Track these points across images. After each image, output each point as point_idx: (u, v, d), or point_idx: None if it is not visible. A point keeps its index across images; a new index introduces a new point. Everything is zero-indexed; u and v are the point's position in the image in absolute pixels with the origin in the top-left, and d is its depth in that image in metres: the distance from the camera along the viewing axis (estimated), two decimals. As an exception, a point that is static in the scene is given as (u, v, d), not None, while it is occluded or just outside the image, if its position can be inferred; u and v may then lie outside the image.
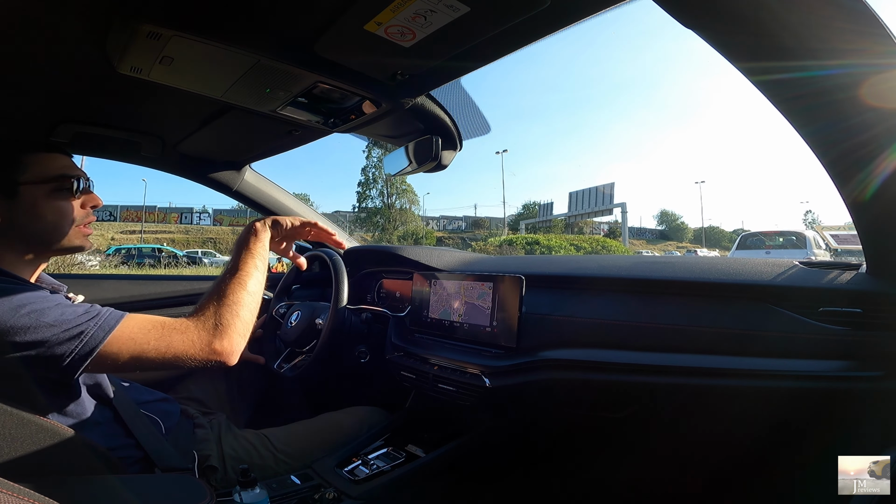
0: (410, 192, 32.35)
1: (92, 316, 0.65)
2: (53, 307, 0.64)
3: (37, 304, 0.63)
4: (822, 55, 0.52)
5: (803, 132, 0.62)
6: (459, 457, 1.05)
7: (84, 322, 0.64)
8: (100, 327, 0.64)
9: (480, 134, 1.12)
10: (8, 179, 0.71)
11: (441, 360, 1.05)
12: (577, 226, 38.21)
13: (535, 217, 36.81)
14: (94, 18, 0.67)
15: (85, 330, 0.63)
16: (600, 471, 1.08)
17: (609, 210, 22.96)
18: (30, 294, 0.64)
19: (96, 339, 0.63)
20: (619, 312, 0.93)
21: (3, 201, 0.71)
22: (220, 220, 32.80)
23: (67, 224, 0.76)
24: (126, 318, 0.68)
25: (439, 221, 40.81)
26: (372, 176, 32.31)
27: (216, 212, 33.47)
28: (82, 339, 0.62)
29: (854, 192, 0.63)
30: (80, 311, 0.65)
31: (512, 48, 0.72)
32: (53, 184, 0.74)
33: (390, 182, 31.69)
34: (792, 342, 0.76)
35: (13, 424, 0.62)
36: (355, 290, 1.48)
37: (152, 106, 0.99)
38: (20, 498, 0.38)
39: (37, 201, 0.72)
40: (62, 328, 0.62)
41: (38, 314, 0.62)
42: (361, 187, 33.07)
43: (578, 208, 24.70)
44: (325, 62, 0.76)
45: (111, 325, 0.65)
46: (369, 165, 32.64)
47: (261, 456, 0.94)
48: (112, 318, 0.66)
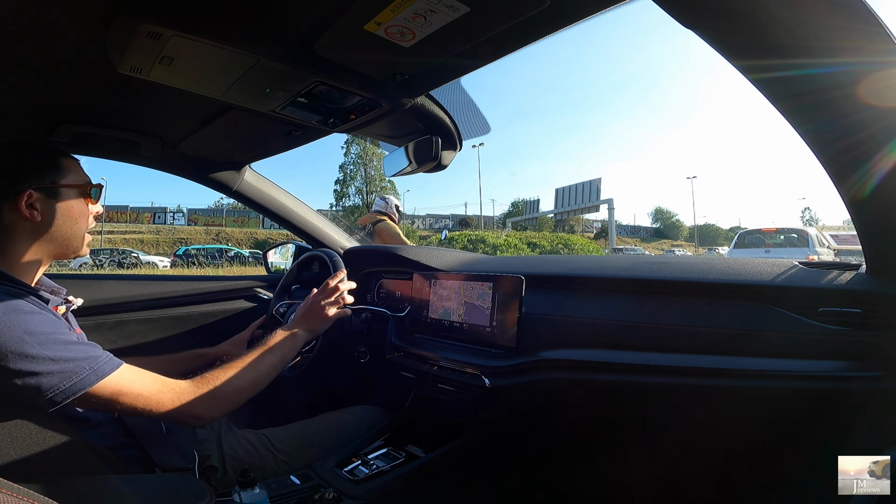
0: (390, 189, 30.88)
1: (89, 358, 0.67)
2: (58, 343, 0.65)
3: (44, 335, 0.64)
4: (819, 53, 0.53)
5: (801, 130, 0.62)
6: (459, 457, 1.05)
7: (80, 365, 0.66)
8: (93, 371, 0.66)
9: (480, 134, 1.12)
10: (52, 181, 0.74)
11: (441, 360, 1.05)
12: (568, 223, 37.03)
13: (522, 215, 35.19)
14: (93, 18, 0.67)
15: (78, 372, 0.65)
16: (600, 471, 1.08)
17: (596, 207, 22.04)
18: (40, 320, 0.66)
19: (85, 383, 0.65)
20: (618, 312, 0.93)
21: (45, 201, 0.74)
22: (194, 220, 31.70)
23: (84, 229, 0.79)
24: (121, 369, 0.70)
25: (425, 220, 39.70)
26: (350, 173, 31.31)
27: (191, 211, 32.35)
28: (73, 379, 0.64)
29: (852, 190, 0.63)
30: (80, 354, 0.67)
31: (512, 48, 0.72)
32: (84, 188, 0.78)
33: (369, 179, 30.70)
34: (791, 342, 0.76)
35: (13, 425, 0.62)
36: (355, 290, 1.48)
37: (152, 106, 0.99)
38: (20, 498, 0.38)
39: (72, 204, 0.77)
40: (58, 365, 0.64)
41: (41, 346, 0.63)
42: (339, 185, 31.95)
43: (565, 205, 23.59)
44: (325, 62, 0.76)
45: (104, 372, 0.67)
46: (348, 162, 31.63)
47: (261, 456, 0.94)
48: (108, 367, 0.68)
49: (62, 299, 0.81)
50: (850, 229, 4.97)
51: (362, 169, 30.92)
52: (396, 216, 3.34)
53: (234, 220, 31.08)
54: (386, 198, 3.42)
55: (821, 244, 8.02)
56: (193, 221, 31.73)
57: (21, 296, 0.68)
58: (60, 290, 0.81)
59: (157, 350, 1.28)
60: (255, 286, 1.55)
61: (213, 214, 31.91)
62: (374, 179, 30.74)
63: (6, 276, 0.70)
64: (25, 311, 0.65)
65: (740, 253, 8.40)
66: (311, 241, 1.62)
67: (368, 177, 31.07)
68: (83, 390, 0.65)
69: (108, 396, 0.67)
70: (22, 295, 0.68)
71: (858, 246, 0.74)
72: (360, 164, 30.81)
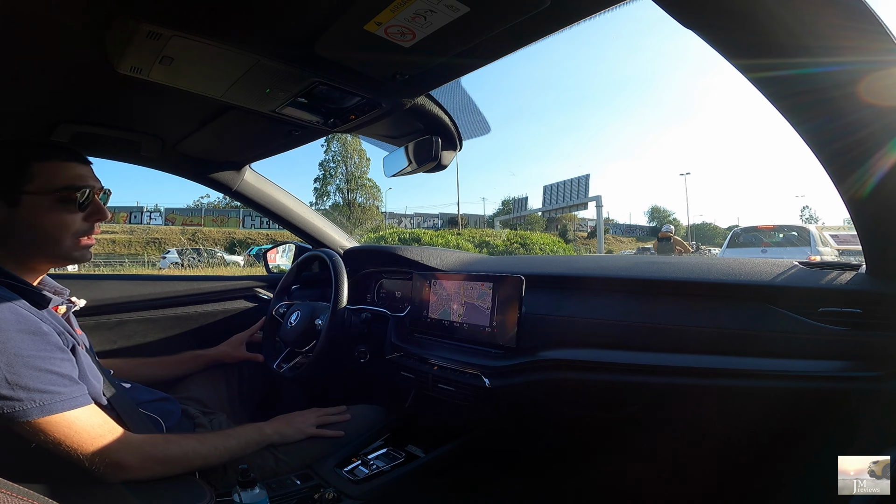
0: (371, 188, 29.53)
1: (46, 393, 0.63)
2: (27, 367, 0.62)
3: (17, 357, 0.62)
4: (819, 52, 0.53)
5: (801, 129, 0.62)
6: (459, 457, 1.05)
7: (31, 395, 0.62)
8: (40, 406, 0.63)
9: (480, 134, 1.12)
10: (12, 187, 0.70)
11: (441, 360, 1.05)
12: (560, 222, 35.68)
13: (510, 213, 32.36)
14: (93, 18, 0.67)
15: (25, 400, 0.62)
16: (600, 471, 1.08)
17: (584, 204, 20.79)
18: (23, 340, 0.63)
19: (25, 415, 0.62)
20: (618, 312, 0.93)
21: (4, 208, 0.70)
22: (172, 220, 30.26)
23: (67, 236, 0.73)
24: (77, 411, 0.66)
25: (413, 219, 37.87)
26: (331, 171, 29.86)
27: (168, 210, 30.90)
28: (15, 407, 0.61)
29: (852, 190, 0.63)
30: (46, 386, 0.63)
31: (512, 48, 0.72)
32: (56, 195, 0.72)
33: (350, 176, 29.19)
34: (792, 342, 0.76)
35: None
36: (355, 291, 1.48)
37: (152, 106, 0.99)
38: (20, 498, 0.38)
39: (36, 212, 0.71)
40: (10, 391, 0.61)
41: (7, 368, 0.61)
42: (320, 183, 30.71)
43: (554, 202, 22.13)
44: (325, 62, 0.76)
45: (52, 410, 0.63)
46: (328, 160, 30.25)
47: (261, 456, 0.94)
48: (60, 405, 0.64)
49: (65, 300, 0.80)
50: (851, 229, 4.69)
51: (343, 166, 29.63)
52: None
53: (213, 220, 30.11)
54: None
55: (823, 243, 7.26)
56: (171, 221, 30.41)
57: (18, 303, 0.66)
58: (64, 291, 0.80)
59: (158, 350, 1.28)
60: (255, 286, 1.55)
61: (192, 214, 30.74)
62: (355, 176, 29.31)
63: (7, 274, 0.70)
64: (12, 328, 0.63)
65: (734, 253, 7.43)
66: (311, 241, 1.62)
67: (349, 174, 29.56)
68: (16, 421, 0.61)
69: (42, 435, 0.63)
70: (19, 301, 0.67)
71: (858, 246, 0.74)
72: (341, 161, 29.54)
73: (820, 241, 7.11)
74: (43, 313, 0.70)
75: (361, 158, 29.11)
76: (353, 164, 29.78)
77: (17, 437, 0.62)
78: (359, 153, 29.01)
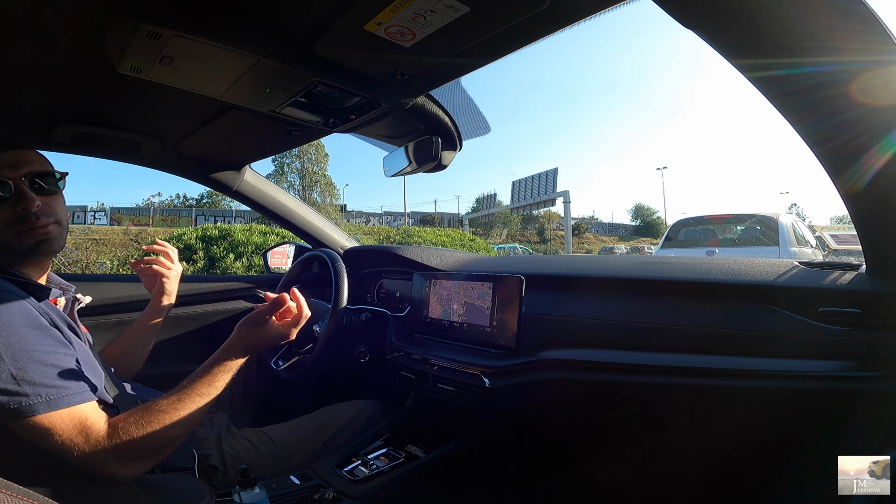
0: (326, 184, 26.64)
1: (54, 387, 0.63)
2: (33, 361, 0.62)
3: (22, 351, 0.61)
4: (817, 52, 0.53)
5: (797, 126, 0.63)
6: (459, 457, 1.05)
7: (37, 390, 0.61)
8: (46, 401, 0.61)
9: (480, 134, 1.12)
10: None
11: (441, 360, 1.05)
12: (538, 221, 33.38)
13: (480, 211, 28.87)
14: (93, 18, 0.67)
15: (31, 395, 0.61)
16: (600, 470, 1.08)
17: (552, 200, 19.20)
18: (27, 334, 0.63)
19: (32, 410, 0.61)
20: (618, 312, 0.93)
21: None
22: (117, 220, 26.87)
23: (1, 230, 0.71)
24: (83, 406, 0.65)
25: (382, 218, 34.00)
26: (286, 165, 26.56)
27: (114, 210, 28.08)
28: (21, 402, 0.60)
29: (848, 184, 0.64)
30: (52, 381, 0.62)
31: (512, 48, 0.72)
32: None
33: (305, 172, 26.40)
34: (792, 342, 0.76)
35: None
36: (355, 290, 1.48)
37: (152, 106, 0.99)
38: (20, 498, 0.38)
39: None
40: (17, 386, 0.60)
41: (13, 362, 0.60)
42: (275, 179, 26.90)
43: (522, 199, 20.65)
44: (325, 62, 0.76)
45: (59, 405, 0.62)
46: (282, 155, 25.87)
47: (261, 455, 0.94)
48: (65, 400, 0.63)
49: (70, 297, 0.80)
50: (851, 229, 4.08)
51: (297, 161, 26.69)
52: None
53: (163, 220, 27.40)
54: None
55: (800, 242, 5.13)
56: (116, 221, 26.97)
57: (22, 297, 0.66)
58: (70, 288, 0.80)
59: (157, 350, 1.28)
60: (256, 286, 1.55)
61: (140, 213, 28.08)
62: (310, 172, 26.37)
63: (8, 271, 0.70)
64: (18, 323, 0.63)
65: (670, 254, 5.09)
66: (312, 241, 1.62)
67: (304, 170, 26.55)
68: (29, 415, 0.60)
69: (52, 429, 0.62)
70: (23, 295, 0.67)
71: (858, 246, 0.74)
72: (296, 157, 26.53)
73: (793, 235, 4.98)
74: (42, 306, 0.70)
75: (319, 153, 26.18)
76: (309, 159, 26.88)
77: (16, 437, 0.62)
78: (316, 147, 26.06)
